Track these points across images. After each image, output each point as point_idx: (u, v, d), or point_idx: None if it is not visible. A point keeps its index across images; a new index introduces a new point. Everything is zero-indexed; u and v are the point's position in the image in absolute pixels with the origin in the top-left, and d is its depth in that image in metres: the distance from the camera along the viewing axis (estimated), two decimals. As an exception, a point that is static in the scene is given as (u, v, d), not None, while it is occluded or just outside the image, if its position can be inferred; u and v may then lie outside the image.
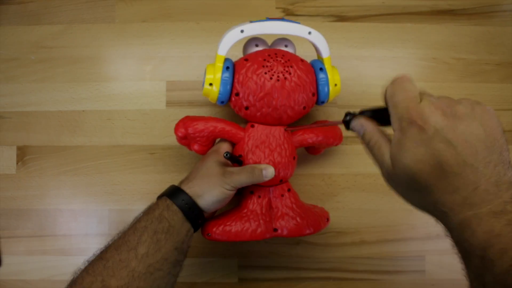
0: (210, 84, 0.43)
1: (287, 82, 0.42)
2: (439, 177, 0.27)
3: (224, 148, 0.45)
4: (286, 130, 0.46)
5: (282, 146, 0.44)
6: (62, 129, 0.56)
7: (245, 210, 0.45)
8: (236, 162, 0.44)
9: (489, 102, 0.57)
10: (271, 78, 0.42)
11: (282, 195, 0.46)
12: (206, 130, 0.44)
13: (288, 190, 0.47)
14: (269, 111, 0.43)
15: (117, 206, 0.55)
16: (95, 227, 0.55)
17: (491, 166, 0.26)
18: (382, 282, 0.55)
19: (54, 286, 0.54)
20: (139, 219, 0.39)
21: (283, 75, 0.42)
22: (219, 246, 0.55)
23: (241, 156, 0.44)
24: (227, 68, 0.43)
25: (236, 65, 0.44)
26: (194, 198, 0.40)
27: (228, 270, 0.55)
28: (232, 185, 0.41)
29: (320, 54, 0.46)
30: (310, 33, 0.44)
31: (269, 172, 0.41)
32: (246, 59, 0.43)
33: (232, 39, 0.43)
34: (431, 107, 0.27)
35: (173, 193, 0.41)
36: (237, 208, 0.46)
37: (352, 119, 0.34)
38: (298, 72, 0.43)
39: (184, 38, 0.57)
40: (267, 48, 0.46)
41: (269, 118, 0.44)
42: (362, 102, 0.56)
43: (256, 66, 0.42)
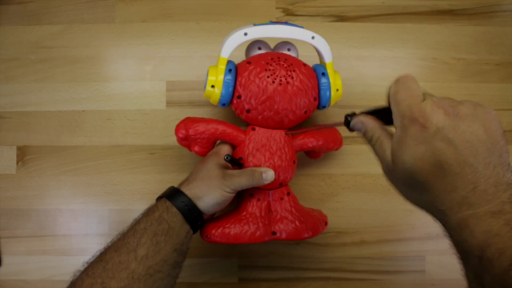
0: (212, 86, 0.43)
1: (289, 86, 0.42)
2: (439, 175, 0.27)
3: (224, 150, 0.45)
4: (286, 133, 0.46)
5: (283, 150, 0.44)
6: (62, 129, 0.56)
7: (244, 213, 0.45)
8: (236, 165, 0.44)
9: (489, 102, 0.57)
10: (274, 82, 0.42)
11: (282, 199, 0.46)
12: (207, 132, 0.44)
13: (287, 194, 0.47)
14: (270, 115, 0.43)
15: (117, 206, 0.55)
16: (95, 227, 0.55)
17: (491, 167, 0.26)
18: (382, 282, 0.55)
19: (54, 286, 0.54)
20: (139, 221, 0.39)
21: (286, 79, 0.42)
22: (219, 246, 0.54)
23: (241, 158, 0.44)
24: (230, 70, 0.43)
25: (238, 67, 0.44)
26: (193, 200, 0.40)
27: (228, 270, 0.55)
28: (232, 187, 0.41)
29: (322, 59, 0.46)
30: (313, 37, 0.44)
31: (269, 175, 0.41)
32: (249, 62, 0.43)
33: (235, 42, 0.42)
34: (434, 106, 0.27)
35: (172, 194, 0.41)
36: (236, 210, 0.46)
37: (352, 119, 0.34)
38: (301, 76, 0.43)
39: (184, 38, 0.57)
40: (270, 51, 0.46)
41: (270, 121, 0.44)
42: (362, 102, 0.56)
43: (258, 70, 0.42)
